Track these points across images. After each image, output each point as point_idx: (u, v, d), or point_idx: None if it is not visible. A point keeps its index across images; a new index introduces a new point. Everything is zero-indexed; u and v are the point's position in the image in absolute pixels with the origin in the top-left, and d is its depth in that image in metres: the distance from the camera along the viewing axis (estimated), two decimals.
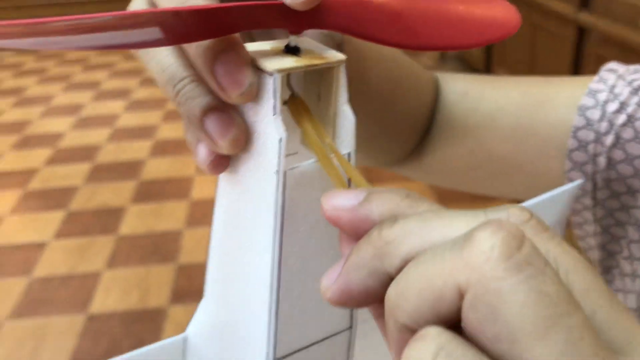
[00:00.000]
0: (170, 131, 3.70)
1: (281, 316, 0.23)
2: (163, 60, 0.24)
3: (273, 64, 0.22)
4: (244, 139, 0.23)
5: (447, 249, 0.16)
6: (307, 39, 0.24)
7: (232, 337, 0.26)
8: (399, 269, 0.17)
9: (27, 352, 2.00)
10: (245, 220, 0.24)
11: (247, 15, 0.21)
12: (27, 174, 3.20)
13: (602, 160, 0.41)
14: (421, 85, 0.46)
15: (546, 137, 0.43)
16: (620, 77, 0.43)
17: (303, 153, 0.23)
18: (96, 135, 3.65)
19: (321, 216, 0.20)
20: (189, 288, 2.28)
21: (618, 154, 0.41)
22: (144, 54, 0.24)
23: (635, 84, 0.41)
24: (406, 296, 0.17)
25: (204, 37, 0.21)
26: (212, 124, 0.23)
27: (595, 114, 0.41)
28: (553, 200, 0.35)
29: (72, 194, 2.99)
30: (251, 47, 0.23)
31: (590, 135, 0.41)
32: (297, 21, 0.22)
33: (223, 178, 0.25)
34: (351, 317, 0.25)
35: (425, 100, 0.47)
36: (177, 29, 0.20)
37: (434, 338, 0.15)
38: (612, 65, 0.44)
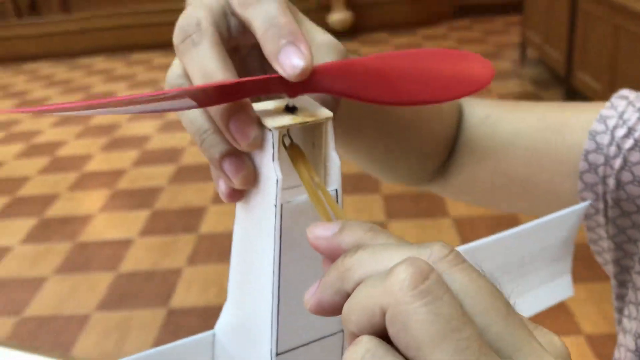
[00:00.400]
0: None
1: (281, 318, 0.29)
2: (191, 116, 0.29)
3: (273, 122, 0.27)
4: (253, 178, 0.29)
5: (378, 278, 0.21)
6: (304, 98, 0.29)
7: (246, 335, 0.31)
8: (353, 290, 0.23)
9: (112, 343, 2.13)
10: (253, 242, 0.29)
11: (254, 86, 0.27)
12: (116, 175, 3.39)
13: (611, 182, 0.44)
14: (444, 110, 0.49)
15: (560, 160, 0.46)
16: (630, 103, 0.45)
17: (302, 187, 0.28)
18: (180, 139, 3.81)
19: None
20: None
21: (626, 176, 0.43)
22: (178, 112, 0.29)
23: None
24: (352, 311, 0.22)
25: (222, 102, 0.27)
26: (227, 165, 0.28)
27: (604, 139, 0.44)
28: (562, 219, 0.37)
29: (157, 194, 3.14)
30: (257, 106, 0.29)
31: (600, 159, 0.44)
32: (292, 88, 0.27)
33: (239, 207, 0.31)
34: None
35: (448, 123, 0.50)
36: (203, 99, 0.26)
37: (364, 343, 0.21)
38: (624, 92, 0.46)
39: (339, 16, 5.51)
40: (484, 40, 5.21)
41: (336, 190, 0.28)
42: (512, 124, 0.49)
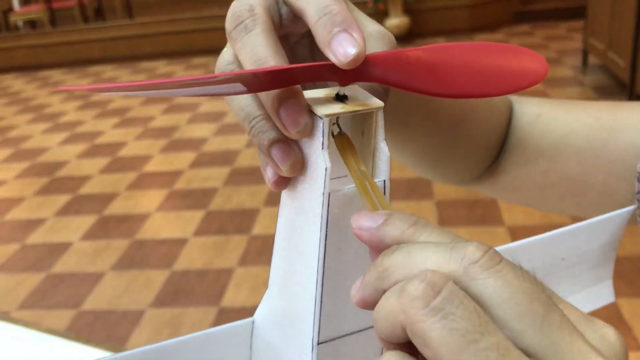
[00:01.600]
0: None
1: (324, 308, 0.28)
2: (242, 102, 0.29)
3: (323, 110, 0.27)
4: (300, 166, 0.28)
5: (394, 292, 0.22)
6: (354, 87, 0.29)
7: (287, 323, 0.31)
8: None
9: (164, 338, 2.16)
10: (299, 230, 0.29)
11: (306, 73, 0.26)
12: (173, 175, 3.47)
13: None
14: (493, 108, 0.48)
15: (616, 160, 0.44)
16: None
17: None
18: (235, 142, 3.87)
19: None
20: None
21: None
22: (229, 98, 0.29)
23: None
24: (378, 320, 0.22)
25: (273, 88, 0.26)
26: (276, 152, 0.28)
27: None
28: (605, 223, 0.36)
29: (212, 195, 3.20)
30: (308, 94, 0.28)
31: None
32: (344, 76, 0.27)
33: (284, 195, 0.31)
34: None
35: (498, 121, 0.49)
36: (254, 84, 0.26)
37: (387, 358, 0.22)
38: None
39: (395, 21, 5.48)
40: (545, 46, 5.09)
41: (384, 181, 0.27)
42: (565, 123, 0.47)
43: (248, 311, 2.27)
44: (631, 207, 0.38)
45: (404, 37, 5.51)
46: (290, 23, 0.30)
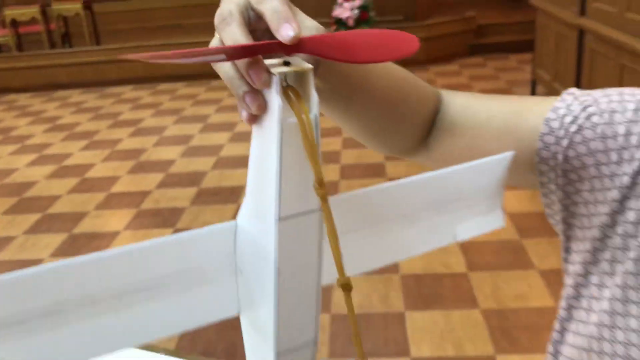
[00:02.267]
0: None
1: (282, 195, 0.39)
2: (225, 68, 0.42)
3: (276, 70, 0.39)
4: (264, 107, 0.40)
5: None
6: (295, 58, 0.42)
7: (260, 213, 0.42)
8: None
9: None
10: (264, 149, 0.40)
11: (265, 47, 0.39)
12: (141, 195, 3.57)
13: (560, 157, 0.56)
14: (424, 96, 0.63)
15: (523, 139, 0.58)
16: (575, 98, 0.58)
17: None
18: (202, 164, 3.99)
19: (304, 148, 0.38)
20: None
21: (571, 153, 0.55)
22: (215, 66, 0.44)
23: (585, 103, 0.56)
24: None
25: (245, 57, 0.39)
26: (248, 98, 0.40)
27: (555, 124, 0.57)
28: (492, 164, 0.49)
29: (180, 214, 3.30)
30: (267, 62, 0.41)
31: (552, 139, 0.56)
32: (288, 50, 0.39)
33: (254, 128, 0.43)
34: None
35: (427, 106, 0.63)
36: (233, 55, 0.39)
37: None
38: (572, 90, 0.59)
39: None
40: (497, 77, 5.37)
41: (315, 115, 0.40)
42: (486, 110, 0.62)
43: (215, 324, 2.38)
44: (511, 152, 0.53)
45: None
46: (255, 22, 0.44)
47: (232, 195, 3.49)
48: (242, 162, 4.00)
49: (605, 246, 0.53)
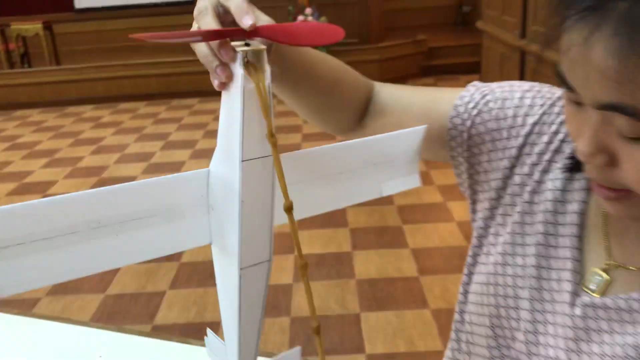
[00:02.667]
0: None
1: (245, 143, 0.49)
2: (201, 47, 0.53)
3: (239, 49, 0.49)
4: (231, 76, 0.51)
5: None
6: (254, 42, 0.53)
7: (227, 160, 0.51)
8: None
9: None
10: (231, 111, 0.50)
11: (231, 32, 0.50)
12: None
13: (465, 135, 0.69)
14: (358, 84, 0.76)
15: (436, 120, 0.72)
16: (477, 88, 0.72)
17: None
18: None
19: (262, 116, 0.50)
20: None
21: (473, 131, 0.69)
22: (194, 46, 0.54)
23: (484, 92, 0.70)
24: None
25: (216, 39, 0.50)
26: (219, 70, 0.51)
27: (461, 109, 0.71)
28: (409, 134, 0.62)
29: None
30: (233, 43, 0.51)
31: (459, 121, 0.70)
32: (248, 35, 0.50)
33: (223, 94, 0.52)
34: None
35: (361, 92, 0.77)
36: (207, 37, 0.50)
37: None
38: (475, 82, 0.74)
39: None
40: None
41: (268, 83, 0.52)
42: (409, 97, 0.76)
43: (179, 327, 2.48)
44: (424, 126, 0.66)
45: None
46: (223, 15, 0.55)
47: None
48: None
49: (499, 204, 0.68)
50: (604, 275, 0.58)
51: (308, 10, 5.71)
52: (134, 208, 0.50)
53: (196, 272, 2.88)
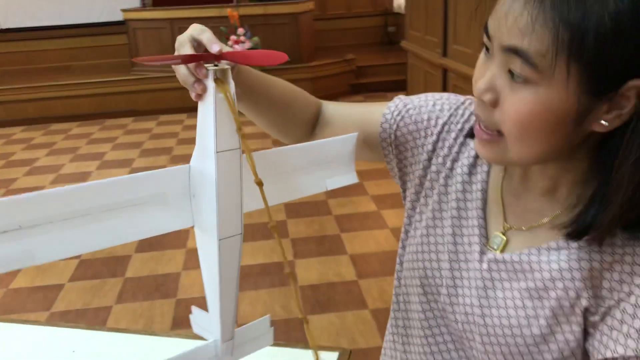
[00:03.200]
0: None
1: (217, 134, 0.61)
2: (181, 69, 0.66)
3: (210, 68, 0.62)
4: (205, 89, 0.63)
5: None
6: (221, 63, 0.65)
7: (204, 156, 0.62)
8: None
9: None
10: (206, 116, 0.62)
11: (204, 57, 0.64)
12: None
13: (392, 137, 0.84)
14: (308, 102, 0.89)
15: (370, 127, 0.87)
16: (401, 100, 0.88)
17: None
18: None
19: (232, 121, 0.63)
20: (187, 317, 2.67)
21: (399, 133, 0.84)
22: (176, 68, 0.67)
23: (406, 102, 0.86)
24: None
25: (193, 62, 0.64)
26: (196, 85, 0.64)
27: (389, 116, 0.84)
28: (343, 140, 0.76)
29: None
30: (205, 65, 0.64)
31: (387, 126, 0.84)
32: (217, 58, 0.64)
33: (199, 105, 0.64)
34: None
35: (311, 108, 0.89)
36: (185, 60, 0.64)
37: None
38: (400, 95, 0.90)
39: None
40: None
41: (233, 93, 0.63)
42: (348, 110, 0.91)
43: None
44: (356, 134, 0.80)
45: None
46: (197, 48, 0.69)
47: None
48: None
49: (422, 189, 0.84)
50: (502, 236, 0.74)
51: (240, 30, 5.85)
52: (133, 195, 0.61)
53: (141, 286, 2.95)
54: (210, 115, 0.63)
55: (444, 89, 4.01)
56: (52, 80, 6.37)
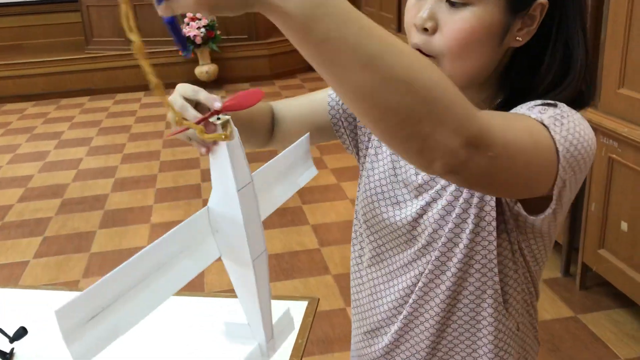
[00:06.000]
0: (131, 170, 4.24)
1: (236, 179, 0.68)
2: (190, 131, 0.72)
3: (215, 122, 0.65)
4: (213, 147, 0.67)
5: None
6: (225, 115, 0.67)
7: (226, 195, 0.68)
8: None
9: None
10: (220, 167, 0.67)
11: (211, 114, 0.66)
12: (3, 210, 3.63)
13: (342, 118, 0.95)
14: (264, 111, 0.96)
15: (319, 113, 0.97)
16: None
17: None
18: (62, 176, 4.10)
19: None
20: None
21: (345, 115, 0.94)
22: (183, 134, 0.73)
23: None
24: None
25: (202, 122, 0.65)
26: (203, 150, 0.68)
27: (332, 103, 0.94)
28: (300, 144, 0.84)
29: (46, 223, 3.42)
30: (211, 119, 0.66)
31: (334, 111, 0.95)
32: (219, 112, 0.65)
33: (211, 155, 0.68)
34: None
35: (267, 116, 0.97)
36: (198, 123, 0.63)
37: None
38: None
39: (205, 68, 6.04)
40: None
41: (238, 137, 0.68)
42: (296, 104, 1.01)
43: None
44: (307, 134, 0.87)
45: (213, 82, 6.09)
46: (196, 106, 0.73)
47: (97, 203, 3.67)
48: (102, 173, 4.16)
49: (372, 146, 0.95)
50: None
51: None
52: (164, 256, 0.67)
53: (107, 260, 2.99)
54: (226, 163, 0.69)
55: None
56: (2, 60, 6.24)
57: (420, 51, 0.76)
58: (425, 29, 0.75)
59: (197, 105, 0.75)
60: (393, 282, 0.92)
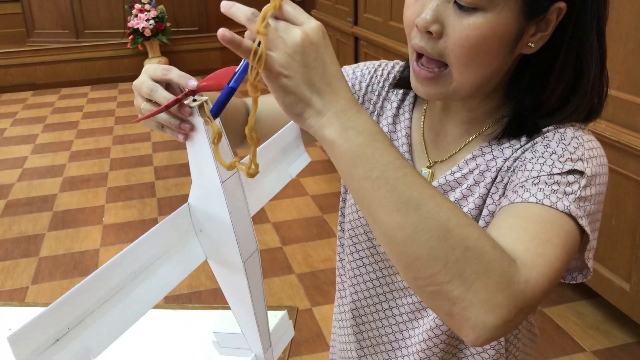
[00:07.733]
0: (80, 168, 4.06)
1: (219, 170, 0.61)
2: (161, 116, 0.61)
3: (193, 104, 0.60)
4: (193, 128, 0.61)
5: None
6: (201, 96, 0.62)
7: (208, 189, 0.61)
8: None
9: None
10: (199, 157, 0.61)
11: (184, 95, 0.60)
12: None
13: None
14: (238, 108, 0.89)
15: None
16: None
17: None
18: (6, 176, 3.90)
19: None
20: None
21: None
22: (149, 120, 0.63)
23: None
24: None
25: (174, 104, 0.60)
26: (183, 126, 0.61)
27: None
28: (290, 128, 0.79)
29: None
30: (186, 100, 0.61)
31: None
32: (194, 93, 0.60)
33: (188, 144, 0.62)
34: None
35: (242, 113, 0.90)
36: (169, 106, 0.60)
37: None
38: None
39: (155, 61, 5.87)
40: None
41: (218, 120, 0.62)
42: (268, 100, 0.90)
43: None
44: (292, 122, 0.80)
45: None
46: (167, 87, 0.64)
47: (45, 204, 3.50)
48: (49, 172, 3.98)
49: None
50: (428, 170, 0.80)
51: None
52: (141, 261, 0.59)
53: (58, 264, 2.85)
54: (206, 150, 0.62)
55: (356, 57, 4.08)
56: None
57: (427, 56, 0.69)
58: (429, 32, 0.67)
59: (168, 86, 0.66)
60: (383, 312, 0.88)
